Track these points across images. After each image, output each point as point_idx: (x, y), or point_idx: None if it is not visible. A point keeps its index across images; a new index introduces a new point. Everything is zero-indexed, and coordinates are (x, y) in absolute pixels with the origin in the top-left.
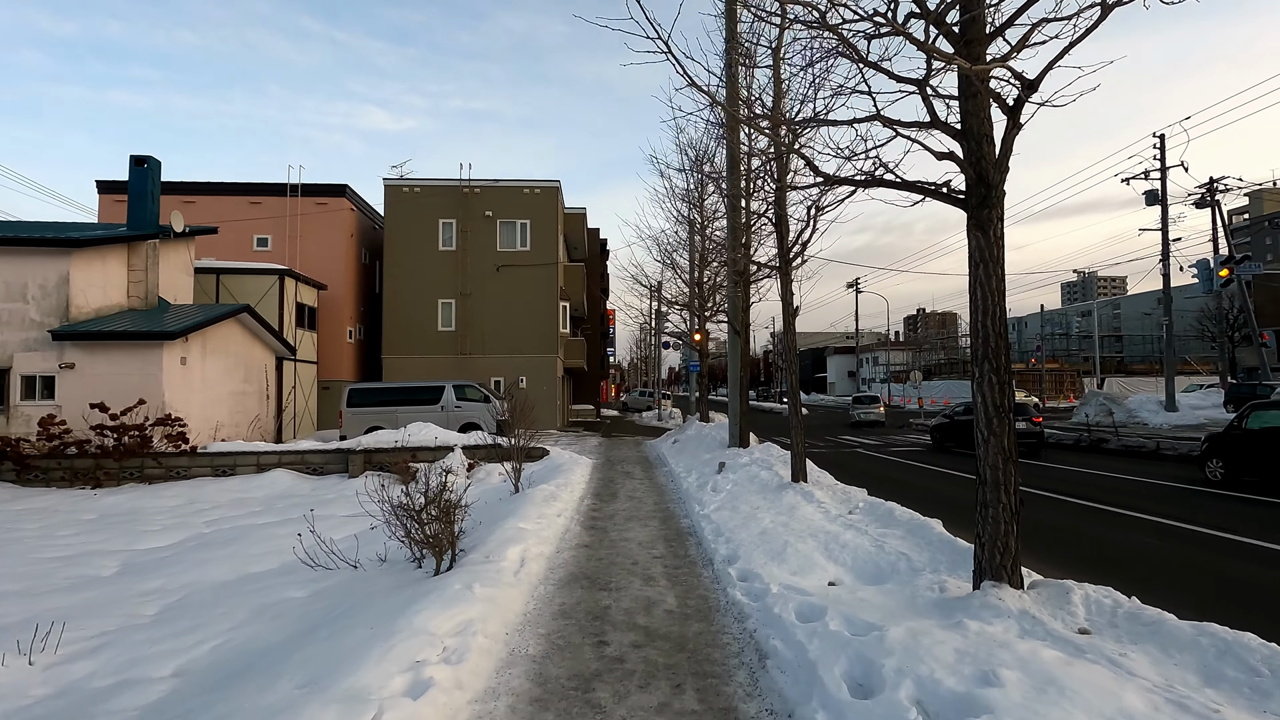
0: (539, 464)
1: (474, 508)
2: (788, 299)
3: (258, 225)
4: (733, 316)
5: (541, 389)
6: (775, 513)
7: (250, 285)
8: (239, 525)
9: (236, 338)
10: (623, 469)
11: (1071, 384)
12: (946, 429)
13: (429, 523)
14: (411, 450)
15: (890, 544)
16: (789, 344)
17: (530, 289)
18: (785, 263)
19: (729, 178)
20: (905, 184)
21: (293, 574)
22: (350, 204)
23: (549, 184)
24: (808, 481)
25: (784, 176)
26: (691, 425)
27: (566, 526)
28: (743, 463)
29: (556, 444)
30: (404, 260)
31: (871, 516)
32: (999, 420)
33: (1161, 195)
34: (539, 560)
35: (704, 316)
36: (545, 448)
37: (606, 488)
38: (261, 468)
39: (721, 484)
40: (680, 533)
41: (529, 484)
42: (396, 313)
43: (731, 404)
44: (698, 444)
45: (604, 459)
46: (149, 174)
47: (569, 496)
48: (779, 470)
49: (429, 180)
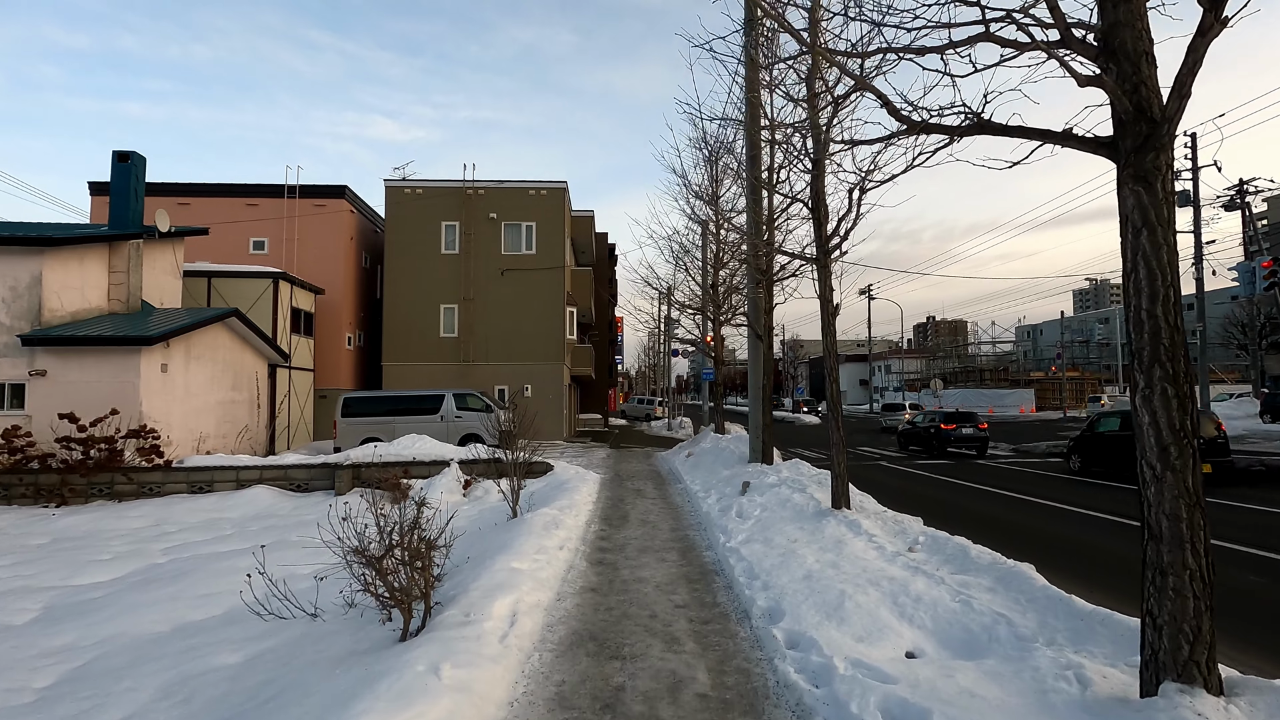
0: (542, 480)
1: (464, 538)
2: (827, 295)
3: (254, 228)
4: (753, 319)
5: (547, 398)
6: (819, 548)
7: (243, 289)
8: (201, 554)
9: (224, 343)
10: (633, 486)
11: (1093, 391)
12: (909, 434)
13: (393, 571)
14: (404, 465)
15: (977, 598)
16: (829, 347)
17: (536, 294)
18: (824, 253)
19: (748, 157)
20: (1026, 130)
21: (238, 624)
22: (350, 206)
23: (555, 185)
24: (850, 508)
25: (825, 145)
26: (706, 437)
27: (570, 562)
28: (770, 482)
29: (562, 456)
30: (405, 264)
31: (939, 556)
32: (1179, 449)
33: (1194, 196)
34: (534, 613)
35: (719, 321)
36: (549, 462)
37: (616, 509)
38: (241, 484)
39: (748, 508)
40: (704, 571)
41: (529, 506)
42: (397, 318)
43: (753, 415)
44: (714, 458)
45: (612, 474)
46: (132, 170)
47: (573, 522)
48: (814, 493)
49: (431, 182)
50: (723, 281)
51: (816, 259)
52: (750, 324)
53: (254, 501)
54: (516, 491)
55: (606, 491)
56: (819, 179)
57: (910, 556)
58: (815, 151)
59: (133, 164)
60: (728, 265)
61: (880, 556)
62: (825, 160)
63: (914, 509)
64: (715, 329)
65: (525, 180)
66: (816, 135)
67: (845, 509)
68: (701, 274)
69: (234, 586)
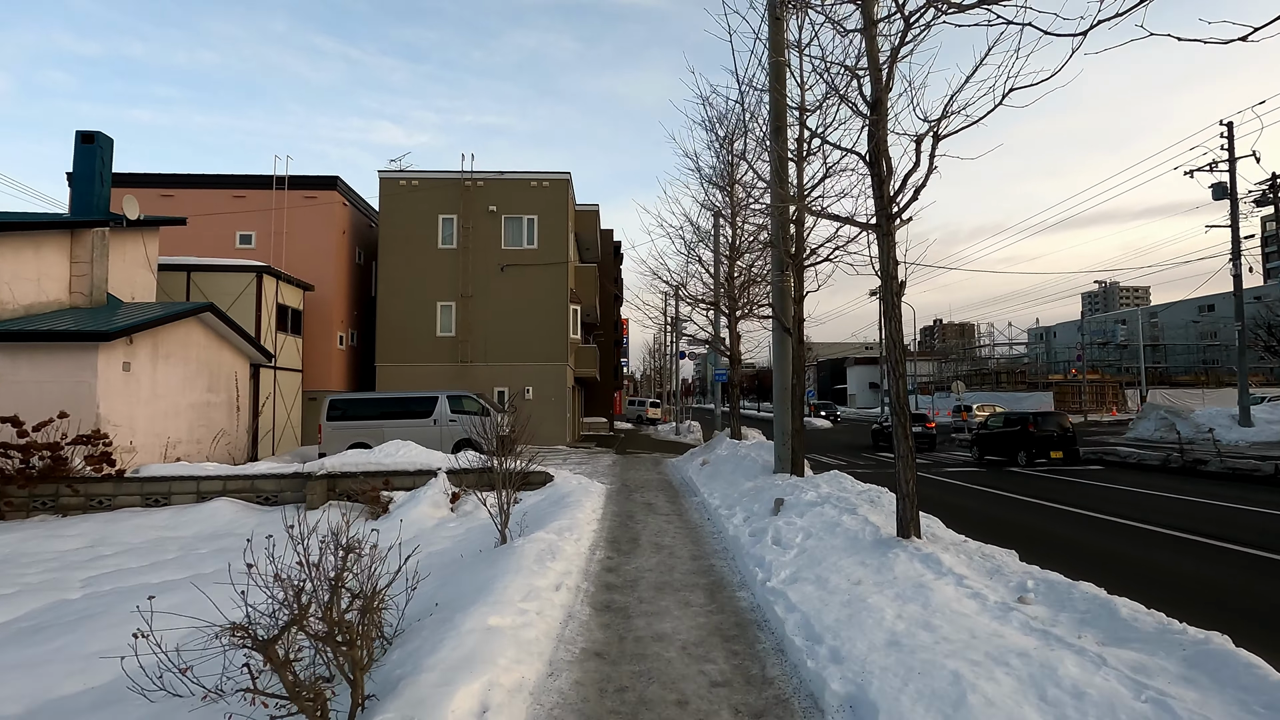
0: (541, 493)
1: (438, 572)
2: (890, 270)
3: (241, 220)
4: (779, 309)
5: (549, 400)
6: (895, 595)
7: (224, 284)
8: (125, 586)
9: (199, 341)
10: (643, 499)
11: (1114, 396)
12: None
13: (284, 667)
14: (385, 475)
15: (1176, 697)
16: (892, 335)
17: (537, 291)
18: (886, 217)
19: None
20: None
21: (114, 706)
22: (342, 198)
23: (558, 176)
24: (921, 536)
25: (888, 81)
26: (721, 443)
27: (568, 608)
28: (808, 500)
29: (564, 463)
30: (400, 259)
31: (1070, 613)
32: None
33: (1230, 189)
34: (513, 706)
35: (736, 316)
36: (549, 472)
37: (624, 529)
38: (202, 496)
39: (786, 533)
40: (743, 622)
41: (522, 528)
42: (391, 317)
43: (779, 419)
44: (733, 468)
45: (619, 484)
46: (97, 152)
47: (574, 549)
48: (868, 515)
49: (428, 173)
50: (739, 273)
51: (876, 225)
52: (775, 315)
53: (213, 517)
54: (506, 511)
55: (613, 505)
56: (879, 125)
57: (1026, 612)
58: (874, 90)
59: (98, 146)
60: (744, 255)
61: (983, 610)
62: (887, 100)
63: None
64: (731, 325)
65: (526, 171)
66: (876, 71)
67: (915, 538)
68: (715, 265)
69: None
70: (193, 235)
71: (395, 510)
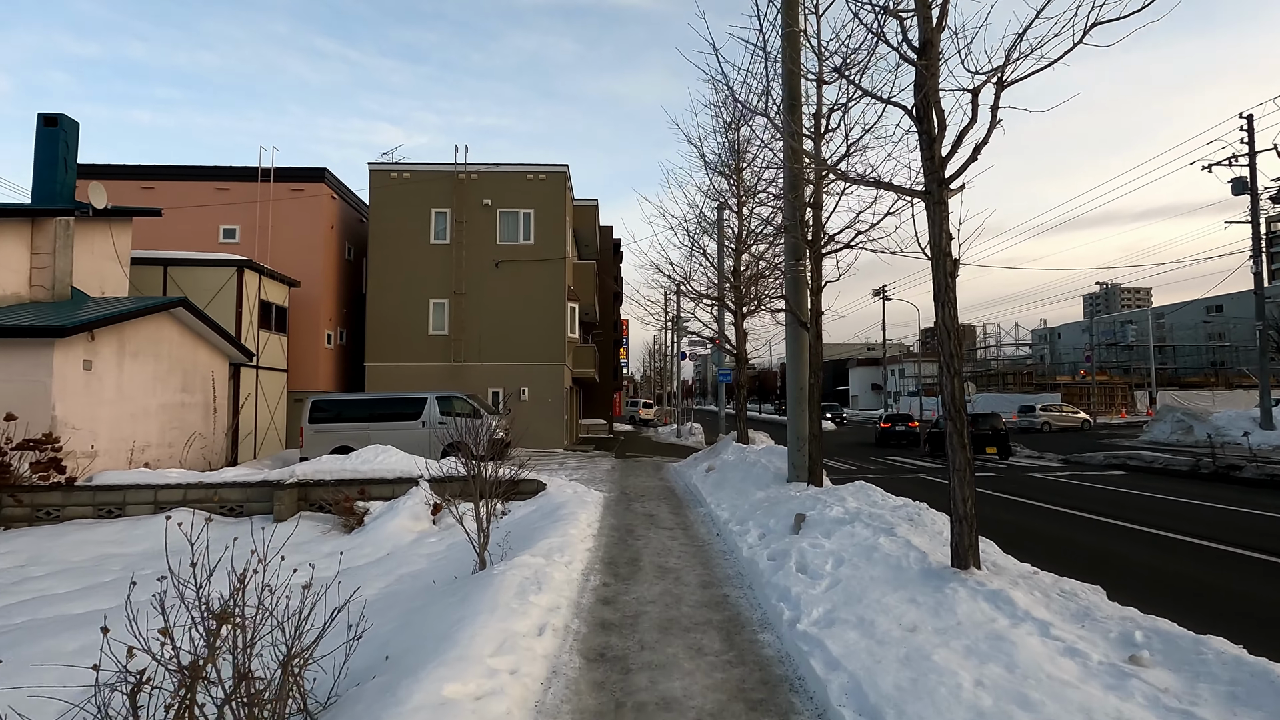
0: (532, 503)
1: (399, 608)
2: (943, 245)
3: (225, 214)
4: (794, 300)
5: (546, 401)
6: (963, 649)
7: (203, 279)
8: (40, 619)
9: (171, 338)
10: (643, 510)
11: (1123, 398)
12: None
13: None
14: (361, 483)
15: None
16: (945, 322)
17: (534, 288)
18: (938, 183)
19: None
20: None
21: None
22: (331, 190)
23: (555, 168)
24: (979, 566)
25: (939, 19)
26: (727, 447)
27: (553, 661)
28: (834, 516)
29: (561, 468)
30: (391, 254)
31: (1206, 681)
32: None
33: (1250, 183)
34: None
35: (742, 312)
36: (540, 480)
37: (623, 547)
38: (160, 506)
39: (812, 557)
40: (770, 679)
41: (505, 550)
42: (382, 314)
43: (794, 422)
44: (742, 475)
45: (618, 492)
46: (60, 137)
47: (564, 576)
48: (909, 536)
49: (420, 165)
50: (746, 266)
51: (925, 191)
52: (789, 308)
53: (169, 530)
54: (485, 530)
55: (611, 517)
56: (929, 72)
57: (1147, 679)
58: (922, 32)
59: (61, 129)
60: (752, 247)
61: (1088, 674)
62: (939, 41)
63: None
64: (737, 322)
65: (522, 164)
66: (925, 9)
67: (975, 568)
68: (719, 259)
69: (17, 699)
70: (173, 229)
71: (370, 523)
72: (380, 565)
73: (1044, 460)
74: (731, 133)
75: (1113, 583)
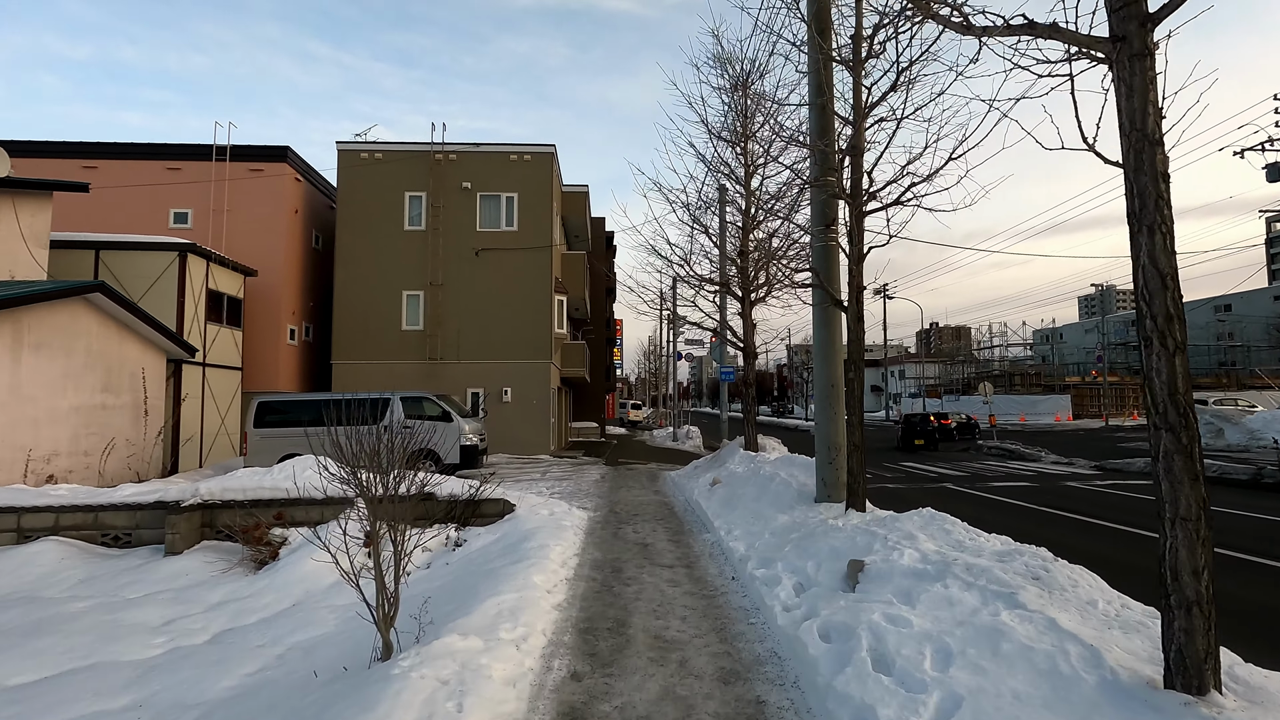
0: (494, 530)
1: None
2: (1146, 127)
3: (176, 196)
4: (825, 274)
5: (531, 403)
6: None
7: (141, 264)
8: None
9: (89, 329)
10: (636, 536)
11: (1135, 399)
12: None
13: None
14: (282, 504)
15: None
16: (1155, 261)
17: (518, 279)
18: (1139, 21)
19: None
20: None
21: None
22: (294, 172)
23: (542, 149)
24: (1222, 689)
25: None
26: (733, 455)
27: None
28: (906, 565)
29: (543, 478)
30: (361, 242)
31: None
32: None
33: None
34: None
35: (750, 300)
36: (508, 499)
37: (607, 603)
38: (25, 534)
39: (895, 642)
40: None
41: (429, 618)
42: (350, 307)
43: (825, 428)
44: (757, 491)
45: (606, 510)
46: None
47: (509, 673)
48: (1044, 607)
49: (393, 145)
50: (755, 246)
51: (1114, 37)
52: (819, 283)
53: (25, 567)
54: (393, 594)
55: (594, 549)
56: None
57: None
58: None
59: None
60: (762, 224)
61: None
62: None
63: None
64: (745, 310)
65: (505, 143)
66: None
67: (1216, 692)
68: (720, 240)
69: None
70: (118, 212)
71: (286, 557)
72: (273, 626)
73: (1075, 466)
74: (738, 95)
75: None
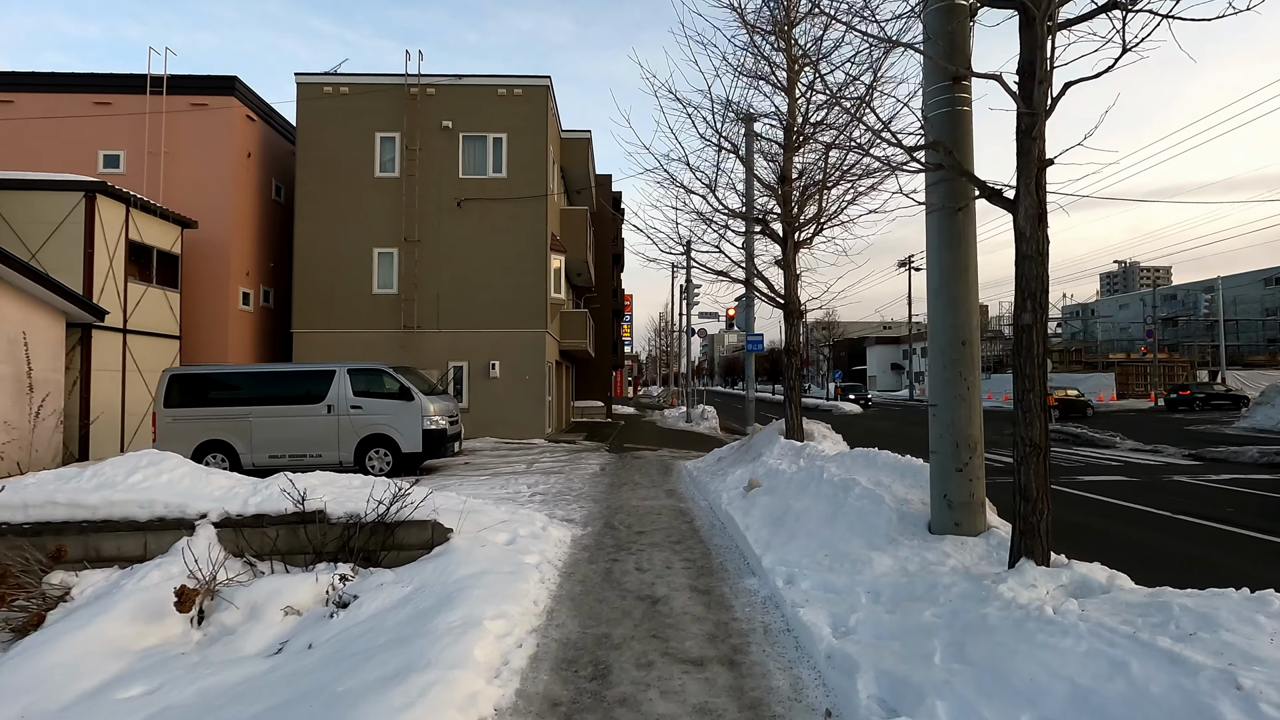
0: (409, 576)
1: None
2: None
3: (105, 136)
4: (952, 144)
5: (523, 379)
6: None
7: (38, 208)
8: None
9: None
10: (639, 581)
11: (1185, 377)
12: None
13: None
14: (80, 528)
15: None
16: None
17: (508, 234)
18: None
19: None
20: None
21: None
22: (246, 109)
23: (535, 81)
24: None
25: None
26: (771, 445)
27: None
28: None
29: (528, 470)
30: (324, 190)
31: None
32: None
33: None
34: None
35: (795, 239)
36: (441, 523)
37: None
38: None
39: None
40: None
41: None
42: (313, 268)
43: (945, 412)
44: (827, 507)
45: (600, 523)
46: None
47: None
48: None
49: (361, 77)
50: (799, 172)
51: None
52: (946, 161)
53: None
54: None
55: (567, 618)
56: None
57: None
58: None
59: None
60: (815, 137)
61: None
62: None
63: None
64: (787, 254)
65: (494, 75)
66: None
67: None
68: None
69: None
70: (38, 153)
71: (57, 622)
72: None
73: (1163, 455)
74: None
75: None
